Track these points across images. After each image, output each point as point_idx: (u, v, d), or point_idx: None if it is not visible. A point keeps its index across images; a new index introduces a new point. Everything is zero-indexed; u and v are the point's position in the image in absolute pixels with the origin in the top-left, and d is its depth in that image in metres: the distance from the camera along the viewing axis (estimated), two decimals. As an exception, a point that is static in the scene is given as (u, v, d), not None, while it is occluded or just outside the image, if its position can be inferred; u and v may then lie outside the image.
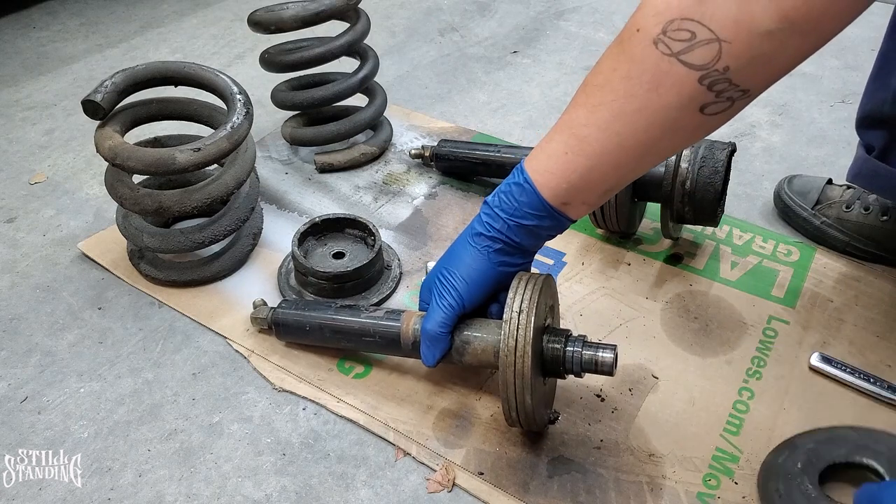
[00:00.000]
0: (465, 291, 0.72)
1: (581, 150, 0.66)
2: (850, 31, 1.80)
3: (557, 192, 0.68)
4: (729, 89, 0.59)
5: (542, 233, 0.72)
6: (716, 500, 0.71)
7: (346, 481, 0.74)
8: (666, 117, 0.62)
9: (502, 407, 0.70)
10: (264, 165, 1.20)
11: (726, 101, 0.61)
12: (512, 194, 0.71)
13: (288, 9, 1.05)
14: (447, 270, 0.73)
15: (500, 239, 0.72)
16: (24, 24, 1.71)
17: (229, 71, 1.36)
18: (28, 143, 1.28)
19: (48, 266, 1.01)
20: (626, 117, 0.63)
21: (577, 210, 0.71)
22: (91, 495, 0.73)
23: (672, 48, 0.59)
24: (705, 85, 0.59)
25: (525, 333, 0.67)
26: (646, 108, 0.62)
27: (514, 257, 0.73)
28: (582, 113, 0.66)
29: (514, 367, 0.67)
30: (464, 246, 0.74)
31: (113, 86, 0.86)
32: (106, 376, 0.85)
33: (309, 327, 0.83)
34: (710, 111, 0.61)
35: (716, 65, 0.57)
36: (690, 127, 0.63)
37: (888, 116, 0.91)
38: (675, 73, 0.59)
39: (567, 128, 0.67)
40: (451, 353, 0.75)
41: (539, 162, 0.69)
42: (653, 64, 0.60)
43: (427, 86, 1.47)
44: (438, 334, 0.73)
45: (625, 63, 0.62)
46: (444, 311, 0.72)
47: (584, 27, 1.71)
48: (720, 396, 0.82)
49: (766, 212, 1.11)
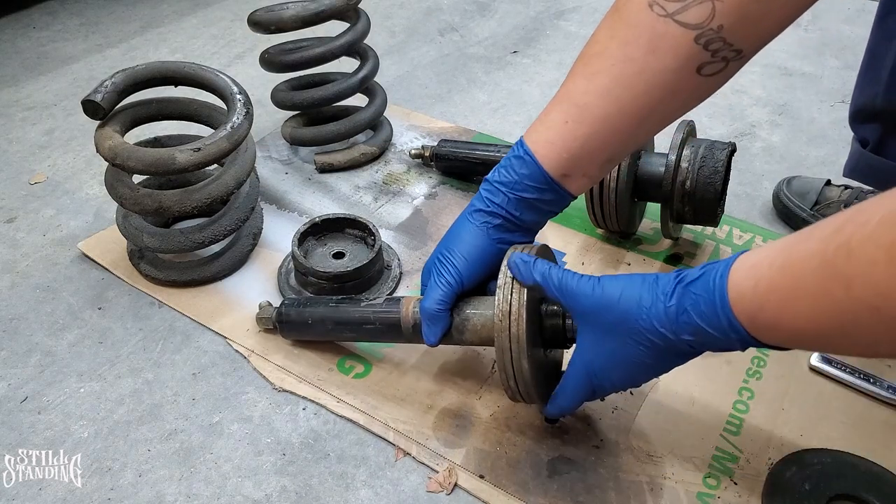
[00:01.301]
0: (464, 268, 0.72)
1: (581, 118, 0.66)
2: (850, 31, 1.80)
3: (559, 163, 0.68)
4: (723, 49, 0.61)
5: (543, 207, 0.72)
6: (716, 500, 0.71)
7: (346, 481, 0.74)
8: (665, 79, 0.63)
9: (500, 379, 0.70)
10: (264, 165, 1.20)
11: (721, 62, 0.62)
12: (512, 167, 0.70)
13: (288, 9, 1.05)
14: (446, 249, 0.73)
15: (500, 214, 0.71)
16: (24, 24, 1.71)
17: (229, 71, 1.36)
18: (28, 143, 1.28)
19: (48, 266, 1.01)
20: (625, 81, 0.64)
21: (578, 183, 0.71)
22: (91, 495, 0.73)
23: (667, 9, 0.60)
24: (701, 44, 0.61)
25: (519, 297, 0.66)
26: (644, 70, 0.63)
27: (514, 235, 0.73)
28: (581, 82, 0.66)
29: (509, 331, 0.66)
30: (462, 223, 0.73)
31: (113, 86, 0.87)
32: (106, 376, 0.85)
33: (311, 320, 0.83)
34: (706, 71, 0.63)
35: (710, 23, 0.59)
36: (689, 89, 0.65)
37: (880, 110, 0.91)
38: (672, 33, 0.61)
39: (566, 98, 0.68)
40: (452, 332, 0.74)
41: (539, 133, 0.69)
42: (649, 26, 0.61)
43: (427, 86, 1.47)
44: (437, 311, 0.72)
45: (621, 29, 0.64)
46: (442, 289, 0.72)
47: (584, 27, 1.71)
48: (720, 396, 0.82)
49: (766, 212, 1.11)
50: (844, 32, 1.63)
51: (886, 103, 0.90)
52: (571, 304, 0.64)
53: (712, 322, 0.56)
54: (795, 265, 0.50)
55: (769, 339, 0.54)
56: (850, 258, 0.45)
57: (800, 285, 0.50)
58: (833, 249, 0.46)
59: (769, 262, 0.53)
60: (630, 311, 0.60)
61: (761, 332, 0.54)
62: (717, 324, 0.56)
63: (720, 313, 0.55)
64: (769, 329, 0.54)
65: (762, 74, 1.48)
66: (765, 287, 0.52)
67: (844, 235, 0.46)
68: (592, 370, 0.64)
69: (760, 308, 0.53)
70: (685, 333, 0.58)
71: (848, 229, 0.46)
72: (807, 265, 0.49)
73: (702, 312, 0.56)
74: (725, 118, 1.35)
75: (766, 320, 0.53)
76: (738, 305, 0.54)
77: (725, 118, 1.35)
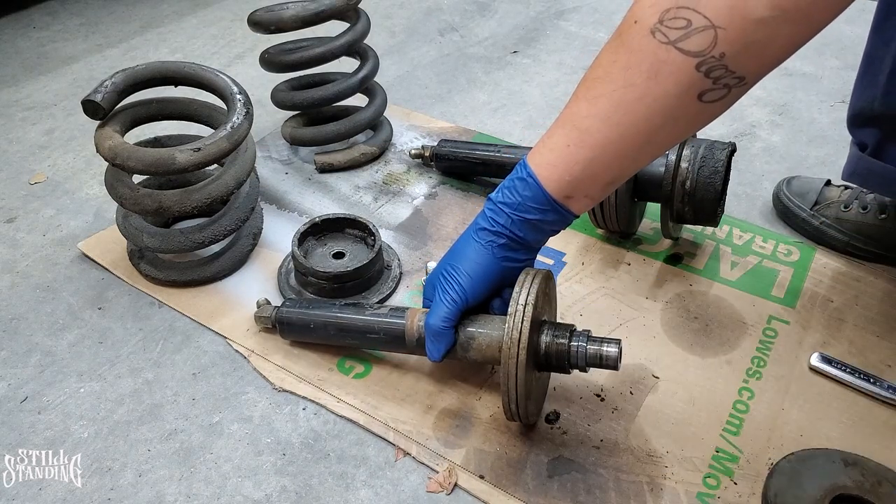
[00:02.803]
0: (469, 286, 0.73)
1: (583, 141, 0.67)
2: (850, 31, 1.80)
3: (560, 185, 0.69)
4: (725, 76, 0.60)
5: (546, 227, 0.72)
6: (716, 500, 0.71)
7: (346, 481, 0.74)
8: (665, 105, 0.63)
9: (502, 400, 0.70)
10: (264, 165, 1.20)
11: (723, 89, 0.62)
12: (515, 189, 0.71)
13: (288, 9, 1.05)
14: (451, 266, 0.74)
15: (504, 234, 0.72)
16: (24, 24, 1.71)
17: (229, 71, 1.36)
18: (28, 143, 1.28)
19: (48, 266, 1.01)
20: (626, 106, 0.64)
21: (580, 204, 0.71)
22: (91, 495, 0.73)
23: (669, 36, 0.60)
24: (702, 72, 0.60)
25: (528, 325, 0.68)
26: (645, 96, 0.63)
27: (518, 253, 0.73)
28: (583, 106, 0.67)
29: (517, 359, 0.67)
30: (468, 241, 0.74)
31: (113, 86, 0.87)
32: (106, 376, 0.85)
33: (313, 325, 0.83)
34: (707, 98, 0.62)
35: (712, 51, 0.59)
36: (689, 115, 0.64)
37: (878, 114, 0.91)
38: (673, 60, 0.60)
39: (568, 121, 0.68)
40: (456, 349, 0.75)
41: (542, 156, 0.70)
42: (651, 52, 0.61)
43: (427, 86, 1.47)
44: (442, 328, 0.73)
45: (623, 54, 0.63)
46: (447, 306, 0.73)
47: (584, 27, 1.71)
48: (720, 396, 0.82)
49: (766, 212, 1.11)
50: (845, 32, 1.63)
51: (884, 107, 0.90)
52: None
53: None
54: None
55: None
56: None
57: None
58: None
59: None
60: None
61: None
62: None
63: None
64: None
65: (762, 74, 1.48)
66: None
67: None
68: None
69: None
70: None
71: None
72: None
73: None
74: (725, 118, 1.35)
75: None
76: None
77: (725, 118, 1.35)
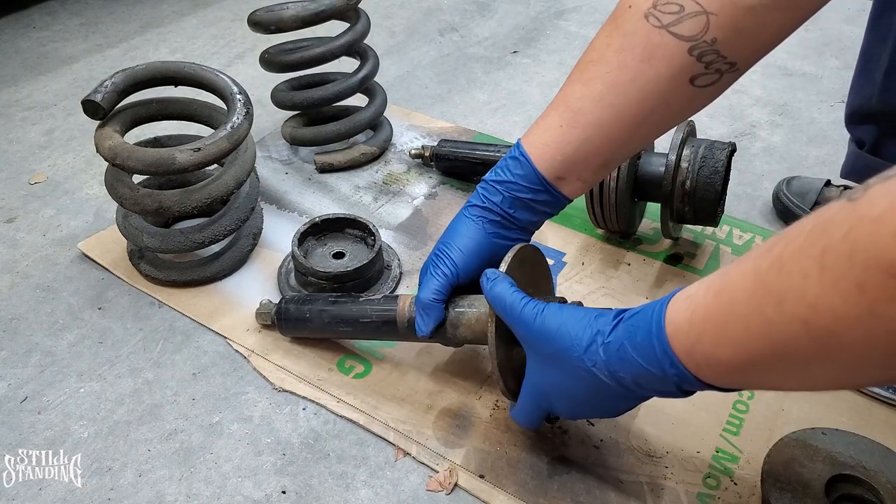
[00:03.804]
0: (460, 260, 0.73)
1: (576, 122, 0.68)
2: (850, 31, 1.80)
3: (553, 165, 0.70)
4: (717, 61, 0.62)
5: (538, 208, 0.73)
6: (716, 500, 0.71)
7: (346, 481, 0.74)
8: (658, 88, 0.64)
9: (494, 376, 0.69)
10: (264, 165, 1.20)
11: (715, 74, 0.63)
12: (508, 168, 0.72)
13: (288, 9, 1.05)
14: (443, 243, 0.74)
15: (495, 211, 0.72)
16: (24, 24, 1.71)
17: (229, 71, 1.36)
18: (28, 143, 1.28)
19: (48, 266, 1.01)
20: (619, 88, 0.65)
21: (572, 186, 0.72)
22: (91, 495, 0.73)
23: (662, 20, 0.62)
24: (695, 56, 0.62)
25: None
26: (638, 78, 0.64)
27: (511, 232, 0.74)
28: (577, 87, 0.68)
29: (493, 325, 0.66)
30: (459, 219, 0.75)
31: (113, 86, 0.87)
32: (106, 376, 0.85)
33: (309, 314, 0.83)
34: (700, 83, 0.64)
35: (704, 36, 0.60)
36: (682, 99, 0.66)
37: (876, 111, 0.92)
38: (666, 44, 0.62)
39: (562, 102, 0.69)
40: (446, 327, 0.74)
41: (535, 136, 0.71)
42: (644, 36, 0.63)
43: (427, 86, 1.47)
44: (432, 302, 0.73)
45: (617, 37, 0.65)
46: (437, 280, 0.73)
47: (584, 27, 1.71)
48: (720, 396, 0.81)
49: (766, 212, 1.11)
50: (844, 32, 1.63)
51: (881, 104, 0.90)
52: (515, 329, 0.64)
53: (647, 355, 0.53)
54: (729, 289, 0.47)
55: (708, 375, 0.51)
56: (782, 273, 0.42)
57: (733, 309, 0.46)
58: (766, 267, 0.43)
59: (705, 289, 0.50)
60: (566, 347, 0.58)
61: (700, 368, 0.50)
62: (652, 357, 0.52)
63: (656, 345, 0.52)
64: (707, 361, 0.50)
65: (762, 74, 1.48)
66: (700, 315, 0.49)
67: (776, 252, 0.43)
68: (540, 394, 0.65)
69: (698, 340, 0.49)
70: (621, 371, 0.55)
71: (779, 246, 0.43)
72: (740, 287, 0.46)
73: (637, 344, 0.53)
74: (725, 118, 1.35)
75: (704, 352, 0.49)
76: (675, 338, 0.51)
77: (725, 118, 1.35)
